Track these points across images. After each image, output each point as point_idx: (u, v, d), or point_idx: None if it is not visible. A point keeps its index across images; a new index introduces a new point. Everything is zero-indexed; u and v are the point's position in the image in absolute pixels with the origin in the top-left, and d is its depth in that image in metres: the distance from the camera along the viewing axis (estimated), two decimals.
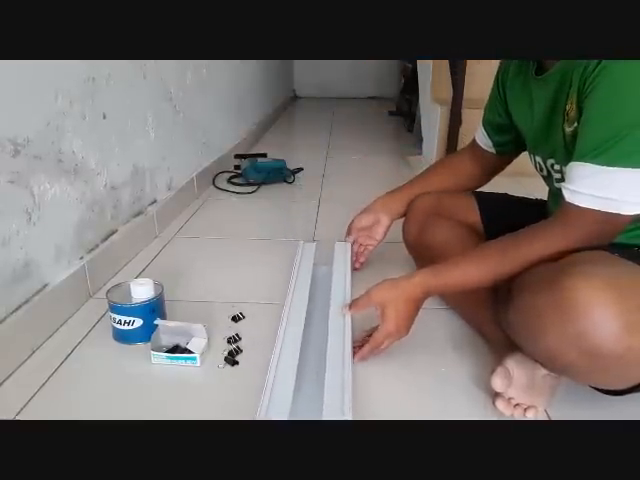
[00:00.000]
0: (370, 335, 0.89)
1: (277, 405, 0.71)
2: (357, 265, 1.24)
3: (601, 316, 0.63)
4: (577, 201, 0.73)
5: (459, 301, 1.05)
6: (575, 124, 0.76)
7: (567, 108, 0.78)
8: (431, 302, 1.09)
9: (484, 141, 1.10)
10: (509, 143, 1.07)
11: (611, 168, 0.69)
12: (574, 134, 0.77)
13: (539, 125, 0.88)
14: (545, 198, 1.04)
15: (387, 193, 1.20)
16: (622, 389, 0.75)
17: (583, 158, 0.72)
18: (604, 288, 0.64)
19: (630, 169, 0.68)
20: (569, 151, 0.78)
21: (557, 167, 0.87)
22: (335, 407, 0.71)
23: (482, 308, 0.95)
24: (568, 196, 0.75)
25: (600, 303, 0.63)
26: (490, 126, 1.08)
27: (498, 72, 1.04)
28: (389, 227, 1.19)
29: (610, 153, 0.69)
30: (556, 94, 0.81)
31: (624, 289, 0.65)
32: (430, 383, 0.88)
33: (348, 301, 0.96)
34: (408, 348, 0.95)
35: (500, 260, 0.81)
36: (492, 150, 1.09)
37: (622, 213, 0.71)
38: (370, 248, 1.22)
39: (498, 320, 0.89)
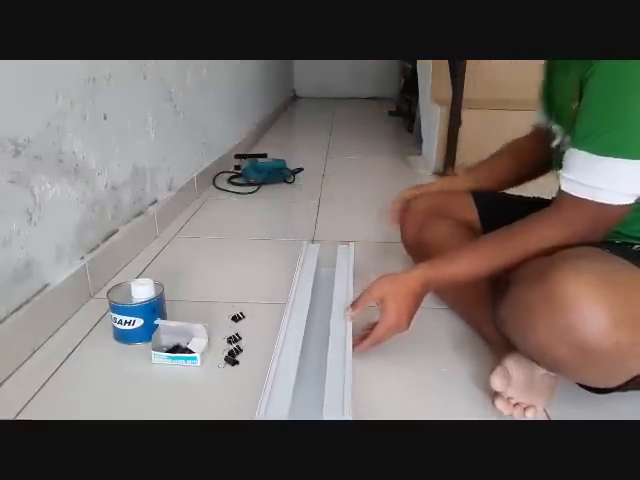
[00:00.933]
0: (371, 328, 0.89)
1: (276, 404, 0.71)
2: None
3: (590, 311, 0.63)
4: (569, 189, 0.74)
5: (459, 302, 1.05)
6: (577, 103, 0.75)
7: (573, 88, 0.76)
8: (431, 302, 1.10)
9: (543, 119, 1.03)
10: None
11: (602, 157, 0.69)
12: (575, 114, 0.75)
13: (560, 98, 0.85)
14: (543, 197, 1.03)
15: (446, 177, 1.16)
16: (611, 387, 0.75)
17: (577, 145, 0.72)
18: (594, 283, 0.64)
19: (620, 159, 0.68)
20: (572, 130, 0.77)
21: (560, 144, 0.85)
22: (335, 407, 0.71)
23: (482, 308, 0.95)
24: (562, 184, 0.75)
25: (589, 298, 0.63)
26: (543, 102, 1.01)
27: None
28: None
29: (602, 141, 0.69)
30: (571, 69, 0.78)
31: (614, 285, 0.65)
32: (430, 382, 0.88)
33: (350, 302, 0.95)
34: (408, 347, 0.95)
35: (497, 252, 0.81)
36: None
37: (613, 203, 0.71)
38: None
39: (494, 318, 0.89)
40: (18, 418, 0.77)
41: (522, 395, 0.77)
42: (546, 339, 0.68)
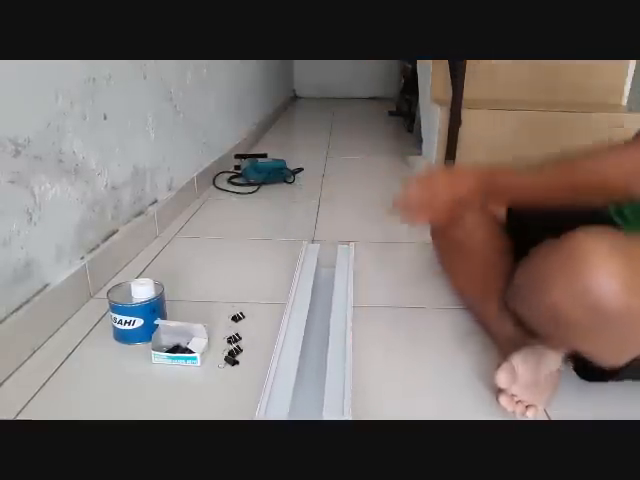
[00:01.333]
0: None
1: (276, 404, 0.71)
2: None
3: (605, 274, 0.64)
4: None
5: (468, 296, 1.05)
6: None
7: None
8: (435, 302, 1.10)
9: None
10: None
11: None
12: None
13: None
14: None
15: None
16: (611, 372, 0.75)
17: None
18: (611, 247, 0.65)
19: None
20: None
21: None
22: (335, 407, 0.71)
23: (491, 302, 0.95)
24: None
25: (606, 263, 0.64)
26: None
27: None
28: None
29: None
30: None
31: (630, 256, 0.66)
32: (432, 381, 0.88)
33: (351, 302, 0.96)
34: (410, 346, 0.95)
35: (566, 173, 0.80)
36: None
37: None
38: None
39: (505, 310, 0.89)
40: (18, 418, 0.77)
41: (526, 392, 0.78)
42: (561, 300, 0.69)
